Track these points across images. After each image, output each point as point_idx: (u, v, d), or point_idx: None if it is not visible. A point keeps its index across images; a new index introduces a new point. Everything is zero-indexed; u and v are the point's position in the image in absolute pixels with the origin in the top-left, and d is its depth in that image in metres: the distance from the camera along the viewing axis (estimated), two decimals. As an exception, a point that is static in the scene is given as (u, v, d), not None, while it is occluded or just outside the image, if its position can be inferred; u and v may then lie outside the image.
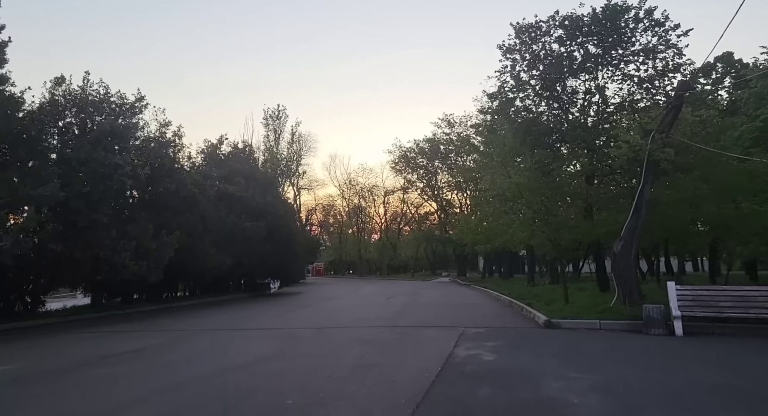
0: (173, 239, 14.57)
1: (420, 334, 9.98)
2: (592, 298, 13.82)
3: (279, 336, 10.14)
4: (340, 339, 9.63)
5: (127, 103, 15.77)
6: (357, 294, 26.20)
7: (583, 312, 11.32)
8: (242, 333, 10.90)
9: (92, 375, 6.83)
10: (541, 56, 15.53)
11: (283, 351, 8.25)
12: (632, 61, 14.43)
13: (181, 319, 13.91)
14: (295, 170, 57.55)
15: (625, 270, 11.25)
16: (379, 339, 9.28)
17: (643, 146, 10.54)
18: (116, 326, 12.30)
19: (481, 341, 9.02)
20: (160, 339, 9.99)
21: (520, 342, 9.14)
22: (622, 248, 11.24)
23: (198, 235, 17.26)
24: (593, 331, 10.03)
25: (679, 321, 9.18)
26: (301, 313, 15.49)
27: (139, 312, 16.01)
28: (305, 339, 9.68)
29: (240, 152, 25.20)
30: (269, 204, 24.64)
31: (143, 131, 16.38)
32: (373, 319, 12.74)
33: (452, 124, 45.83)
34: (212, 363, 7.26)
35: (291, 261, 28.18)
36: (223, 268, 19.05)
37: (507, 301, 18.01)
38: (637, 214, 11.18)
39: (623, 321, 10.08)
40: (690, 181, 11.24)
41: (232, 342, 9.44)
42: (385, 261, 63.92)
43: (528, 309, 13.66)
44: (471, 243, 25.10)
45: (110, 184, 12.69)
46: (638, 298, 11.08)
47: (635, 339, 9.11)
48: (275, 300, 22.37)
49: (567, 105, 15.05)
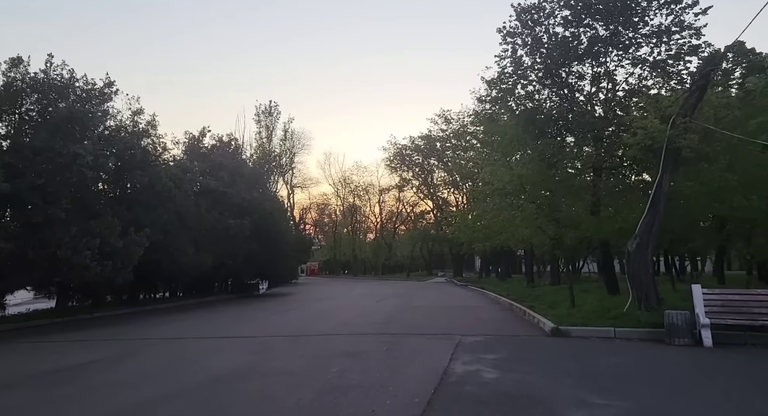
0: (143, 237, 13.28)
1: (411, 344, 8.79)
2: (600, 302, 12.63)
3: (252, 346, 8.91)
4: (321, 350, 8.42)
5: (95, 88, 14.47)
6: (348, 295, 25.04)
7: (594, 318, 10.15)
8: (211, 342, 9.65)
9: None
10: (543, 40, 14.35)
11: (251, 368, 7.03)
12: (644, 43, 13.25)
13: (151, 325, 12.65)
14: (288, 168, 56.27)
15: (640, 271, 10.09)
16: (364, 351, 8.08)
17: (662, 132, 9.37)
18: (73, 334, 11.03)
19: (480, 353, 7.84)
20: (113, 351, 8.73)
21: (525, 354, 7.96)
22: (638, 247, 10.07)
23: (174, 233, 15.97)
24: (608, 341, 8.86)
25: (707, 330, 8.02)
26: (284, 318, 14.26)
27: (108, 316, 14.73)
28: (280, 350, 8.46)
29: (225, 146, 23.86)
30: (256, 200, 23.36)
31: (114, 120, 15.07)
32: (361, 325, 11.55)
33: (449, 121, 44.68)
34: (157, 386, 6.02)
35: (280, 260, 26.88)
36: (204, 268, 17.77)
37: (506, 304, 16.89)
38: (655, 209, 10.02)
39: (641, 330, 8.92)
40: (717, 171, 10.07)
41: (195, 355, 8.19)
42: (381, 260, 62.76)
43: (531, 314, 12.52)
44: (468, 242, 23.91)
45: (69, 176, 11.43)
46: (656, 303, 9.93)
47: (658, 350, 7.94)
48: (261, 303, 21.13)
49: (573, 93, 13.87)
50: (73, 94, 13.81)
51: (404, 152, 50.09)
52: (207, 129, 22.99)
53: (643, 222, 10.10)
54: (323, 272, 69.41)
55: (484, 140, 14.71)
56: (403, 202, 58.93)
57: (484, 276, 41.55)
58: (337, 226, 65.72)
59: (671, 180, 9.87)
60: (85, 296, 16.80)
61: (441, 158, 47.41)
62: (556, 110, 13.20)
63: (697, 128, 9.23)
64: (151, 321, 13.59)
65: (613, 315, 10.14)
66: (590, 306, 12.28)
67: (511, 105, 14.63)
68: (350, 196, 62.38)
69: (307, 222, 67.19)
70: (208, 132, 23.04)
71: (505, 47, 14.71)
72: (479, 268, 46.56)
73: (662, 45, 13.12)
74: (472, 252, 42.02)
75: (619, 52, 13.47)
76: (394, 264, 62.99)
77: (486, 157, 15.70)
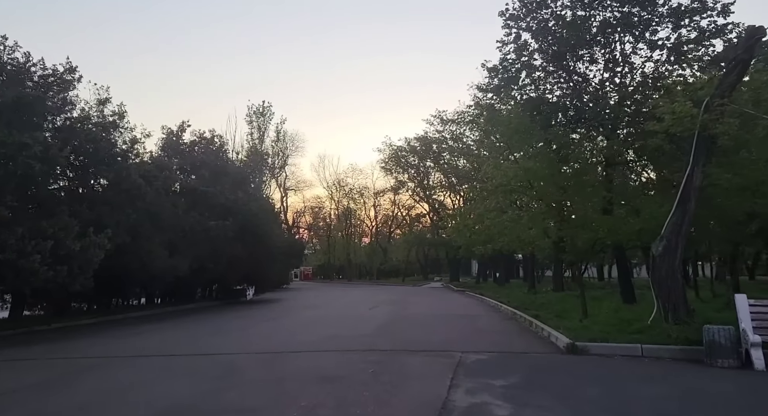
0: (103, 238, 11.83)
1: (403, 365, 7.40)
2: (615, 312, 11.31)
3: (214, 368, 7.50)
4: (295, 373, 7.04)
5: (56, 73, 13.04)
6: (339, 302, 23.66)
7: (614, 332, 8.81)
8: (167, 362, 8.22)
9: None
10: (550, 24, 13.09)
11: (201, 400, 5.63)
12: (662, 26, 11.99)
13: (110, 338, 11.20)
14: (281, 170, 54.86)
15: (668, 278, 8.74)
16: (345, 375, 6.70)
17: (695, 117, 8.07)
18: (11, 350, 9.57)
19: (486, 377, 6.48)
20: (39, 376, 7.26)
21: (540, 378, 6.59)
22: (665, 249, 8.74)
23: (145, 234, 14.51)
24: (635, 361, 7.51)
25: (758, 349, 6.69)
26: (264, 329, 12.83)
27: (69, 327, 13.25)
28: (246, 374, 7.06)
29: (208, 143, 22.35)
30: (241, 200, 21.90)
31: (78, 110, 13.55)
32: (347, 339, 10.16)
33: (445, 122, 43.39)
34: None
35: (268, 264, 25.41)
36: (180, 273, 16.29)
37: (509, 312, 15.55)
38: (684, 207, 8.70)
39: (674, 347, 7.59)
40: (760, 161, 8.77)
41: (139, 382, 6.76)
42: (376, 265, 61.30)
43: (537, 324, 11.17)
44: (466, 245, 22.54)
45: (13, 168, 10.03)
46: (685, 314, 8.59)
47: (700, 375, 6.60)
48: (245, 310, 19.69)
49: (584, 79, 12.59)
50: (28, 79, 12.41)
51: (399, 153, 48.79)
52: (187, 123, 21.43)
53: (670, 222, 8.77)
54: (318, 277, 67.91)
55: (485, 129, 13.32)
56: (398, 205, 57.62)
57: (481, 280, 40.17)
58: (332, 230, 64.22)
59: (703, 173, 8.55)
60: (49, 304, 15.35)
61: (437, 160, 46.17)
62: (567, 98, 11.89)
63: (739, 111, 7.93)
64: (113, 333, 12.13)
65: (636, 329, 8.82)
66: (605, 316, 10.95)
67: (514, 94, 13.35)
68: (345, 199, 61.05)
69: (301, 226, 65.75)
70: (188, 126, 21.49)
71: (507, 31, 13.48)
72: (476, 273, 45.20)
73: (682, 27, 11.86)
74: (469, 256, 40.72)
75: (635, 34, 12.19)
76: (390, 269, 61.51)
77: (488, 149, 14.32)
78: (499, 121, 11.27)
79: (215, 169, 21.03)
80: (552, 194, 10.30)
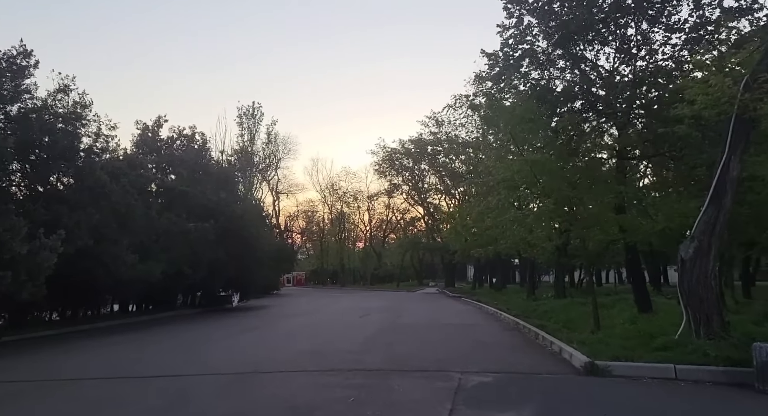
0: (56, 240, 10.49)
1: (391, 391, 6.12)
2: (632, 323, 10.08)
3: (160, 397, 6.16)
4: (257, 403, 5.76)
5: (9, 57, 11.70)
6: (329, 309, 22.36)
7: (637, 348, 7.59)
8: (109, 388, 6.87)
9: None
10: (554, 6, 11.97)
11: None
12: (679, 6, 10.88)
13: (60, 354, 9.86)
14: (274, 171, 53.51)
15: (699, 286, 7.54)
16: (320, 404, 5.44)
17: (733, 98, 6.91)
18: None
19: (492, 408, 5.29)
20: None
21: (559, 410, 5.35)
22: (696, 252, 7.54)
23: (111, 237, 13.17)
24: (670, 384, 6.27)
25: (825, 373, 5.49)
26: (239, 342, 11.50)
27: (22, 340, 11.85)
28: (194, 405, 5.75)
29: (188, 140, 20.96)
30: (224, 202, 20.58)
31: (35, 100, 12.22)
32: (331, 354, 8.89)
33: (440, 123, 42.30)
34: None
35: (254, 269, 24.07)
36: (152, 279, 14.93)
37: (510, 321, 14.32)
38: (718, 202, 7.52)
39: (715, 368, 6.36)
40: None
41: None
42: (370, 270, 59.99)
43: (545, 337, 9.93)
44: (462, 249, 21.29)
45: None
46: (720, 328, 7.39)
47: (755, 405, 5.39)
48: (226, 319, 18.32)
49: (595, 64, 11.45)
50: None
51: (394, 156, 47.63)
52: (164, 118, 19.97)
53: (701, 221, 7.59)
54: (311, 282, 66.46)
55: (486, 116, 12.10)
56: (392, 208, 56.33)
57: (477, 286, 38.93)
58: (325, 235, 62.81)
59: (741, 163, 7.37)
60: (9, 314, 13.93)
61: (432, 163, 45.08)
62: (576, 86, 10.72)
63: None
64: (67, 347, 10.77)
65: (662, 344, 7.59)
66: (621, 328, 9.72)
67: (516, 83, 12.19)
68: (338, 203, 59.67)
69: (293, 230, 64.29)
70: (165, 121, 20.04)
71: (508, 14, 12.32)
72: (472, 278, 43.98)
73: (703, 7, 10.75)
74: (465, 261, 39.49)
75: (650, 16, 11.06)
76: (384, 274, 60.18)
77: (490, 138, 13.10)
78: (503, 109, 10.08)
79: (195, 167, 19.71)
80: (560, 190, 9.11)
